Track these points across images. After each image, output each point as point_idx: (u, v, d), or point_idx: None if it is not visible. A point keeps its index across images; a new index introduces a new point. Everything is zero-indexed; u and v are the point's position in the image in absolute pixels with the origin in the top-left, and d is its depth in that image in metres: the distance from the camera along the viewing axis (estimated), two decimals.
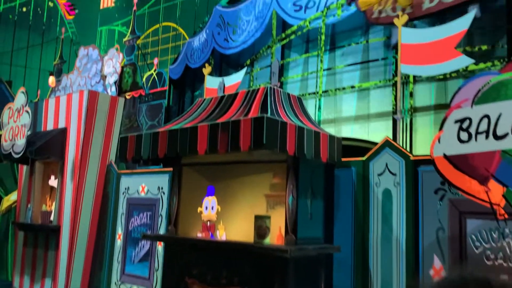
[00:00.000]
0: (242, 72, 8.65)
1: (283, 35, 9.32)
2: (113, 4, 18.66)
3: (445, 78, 7.30)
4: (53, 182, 10.11)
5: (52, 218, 9.77)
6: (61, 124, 10.36)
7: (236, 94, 6.78)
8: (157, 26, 16.14)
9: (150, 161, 6.88)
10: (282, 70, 9.75)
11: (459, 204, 4.89)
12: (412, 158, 5.60)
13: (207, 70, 9.17)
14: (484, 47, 6.86)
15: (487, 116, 4.67)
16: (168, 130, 6.20)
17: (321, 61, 8.53)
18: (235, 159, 6.87)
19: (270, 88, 6.39)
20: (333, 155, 6.01)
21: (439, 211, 4.85)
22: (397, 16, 7.25)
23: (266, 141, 4.98)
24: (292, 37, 9.19)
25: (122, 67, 11.01)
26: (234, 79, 8.46)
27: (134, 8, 11.29)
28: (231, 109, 6.51)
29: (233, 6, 10.58)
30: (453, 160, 4.85)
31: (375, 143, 7.09)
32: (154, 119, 10.15)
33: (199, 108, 7.16)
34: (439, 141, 5.03)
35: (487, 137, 4.66)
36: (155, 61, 10.77)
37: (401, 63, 6.40)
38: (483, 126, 4.69)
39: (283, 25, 9.61)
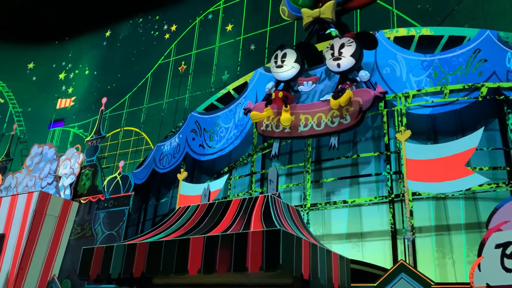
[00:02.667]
0: (223, 179, 7.92)
1: (265, 144, 8.90)
2: (71, 104, 18.20)
3: (445, 197, 6.95)
4: None
5: None
6: None
7: (229, 202, 5.93)
8: (118, 130, 15.52)
9: (116, 280, 5.60)
10: (263, 180, 9.12)
11: None
12: (434, 286, 4.85)
13: (182, 175, 8.37)
14: (485, 168, 6.70)
15: None
16: (149, 242, 5.11)
17: (308, 172, 8.03)
18: (217, 281, 5.77)
19: (271, 197, 5.65)
20: (344, 280, 5.13)
21: None
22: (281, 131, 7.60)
23: (283, 261, 4.07)
24: None
25: (81, 169, 9.91)
26: (214, 186, 7.67)
27: (102, 108, 10.67)
28: (225, 218, 5.59)
29: (211, 113, 10.23)
30: None
31: (381, 268, 6.33)
32: (113, 229, 8.86)
33: (182, 216, 6.16)
34: (479, 269, 4.38)
35: None
36: (121, 163, 9.83)
37: (407, 179, 5.97)
38: None
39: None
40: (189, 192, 8.12)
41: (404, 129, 6.19)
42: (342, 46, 7.55)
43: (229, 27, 14.80)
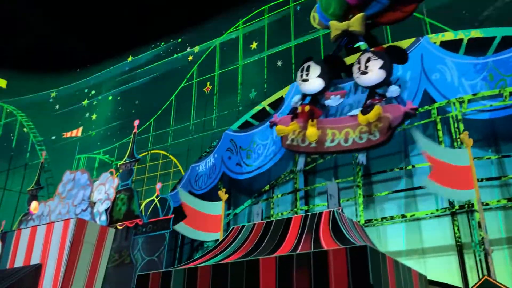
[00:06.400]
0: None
1: (309, 159, 8.51)
2: (79, 135, 18.37)
3: None
4: None
5: None
6: (35, 260, 8.44)
7: (289, 220, 5.51)
8: (145, 153, 15.28)
9: None
10: (307, 198, 8.71)
11: None
12: None
13: (224, 196, 7.95)
14: None
15: None
16: (212, 265, 4.71)
17: (359, 187, 7.61)
18: None
19: (337, 212, 5.23)
20: None
21: None
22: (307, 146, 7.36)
23: (373, 280, 3.65)
24: (320, 161, 8.39)
25: (116, 193, 9.61)
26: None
27: (135, 130, 10.40)
28: (288, 237, 5.17)
29: (246, 131, 9.91)
30: None
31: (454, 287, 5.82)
32: (153, 254, 8.48)
33: (238, 237, 5.76)
34: None
35: None
36: (158, 186, 9.50)
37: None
38: None
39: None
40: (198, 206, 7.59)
41: (467, 135, 5.75)
42: (368, 60, 7.19)
43: (254, 45, 14.64)
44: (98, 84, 20.03)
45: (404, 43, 8.24)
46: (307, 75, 7.86)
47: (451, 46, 7.88)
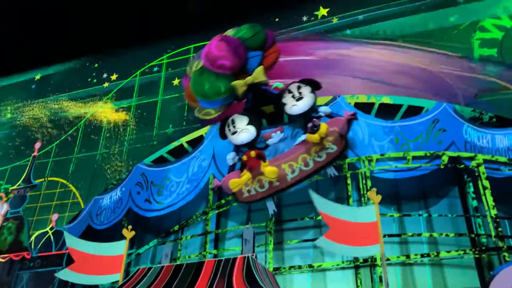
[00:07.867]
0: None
1: (223, 201, 8.38)
2: None
3: (411, 263, 6.90)
4: None
5: None
6: None
7: (200, 264, 5.29)
8: (42, 180, 13.93)
9: None
10: (217, 241, 8.49)
11: None
12: None
13: (129, 234, 7.44)
14: (451, 235, 6.81)
15: None
16: None
17: (270, 233, 7.61)
18: None
19: (252, 258, 5.13)
20: None
21: None
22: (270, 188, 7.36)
23: None
24: (234, 204, 8.29)
25: (3, 221, 8.58)
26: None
27: (35, 153, 9.54)
28: (199, 283, 4.93)
29: (160, 166, 9.56)
30: None
31: None
32: None
33: (143, 280, 5.36)
34: None
35: None
36: (54, 217, 8.67)
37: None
38: None
39: (220, 191, 8.75)
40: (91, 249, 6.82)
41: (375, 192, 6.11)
42: (299, 87, 7.73)
43: (176, 81, 14.50)
44: None
45: (321, 101, 8.63)
46: (234, 127, 7.96)
47: (364, 108, 8.50)
